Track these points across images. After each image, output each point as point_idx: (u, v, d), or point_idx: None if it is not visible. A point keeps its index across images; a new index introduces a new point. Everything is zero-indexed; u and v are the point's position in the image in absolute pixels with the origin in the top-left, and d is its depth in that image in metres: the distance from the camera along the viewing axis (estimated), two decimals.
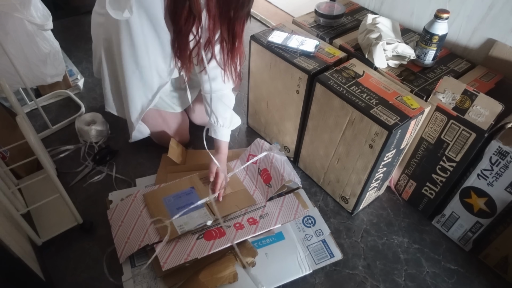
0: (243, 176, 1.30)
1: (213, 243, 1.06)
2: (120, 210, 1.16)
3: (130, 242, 1.06)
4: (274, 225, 1.13)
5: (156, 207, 1.13)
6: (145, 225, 1.09)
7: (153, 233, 1.06)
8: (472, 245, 1.16)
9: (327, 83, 1.09)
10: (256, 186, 1.26)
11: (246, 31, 1.06)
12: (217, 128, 1.21)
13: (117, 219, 1.14)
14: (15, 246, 0.91)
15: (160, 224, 1.07)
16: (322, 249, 1.14)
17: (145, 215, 1.12)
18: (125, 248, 1.05)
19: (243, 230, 1.10)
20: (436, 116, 1.06)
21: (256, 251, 1.10)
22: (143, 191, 1.20)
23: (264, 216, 1.15)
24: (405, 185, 1.27)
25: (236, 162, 1.34)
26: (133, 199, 1.18)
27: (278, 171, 1.22)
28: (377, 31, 1.14)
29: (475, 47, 1.18)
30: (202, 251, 1.03)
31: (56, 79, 1.53)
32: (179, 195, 1.19)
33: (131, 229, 1.09)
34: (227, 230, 1.10)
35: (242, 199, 1.20)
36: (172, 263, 1.00)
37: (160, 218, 1.09)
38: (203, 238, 1.07)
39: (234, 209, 1.16)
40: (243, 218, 1.14)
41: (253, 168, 1.30)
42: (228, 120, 1.21)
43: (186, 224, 1.09)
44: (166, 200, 1.16)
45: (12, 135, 1.22)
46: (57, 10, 2.04)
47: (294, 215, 1.16)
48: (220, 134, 1.22)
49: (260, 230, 1.11)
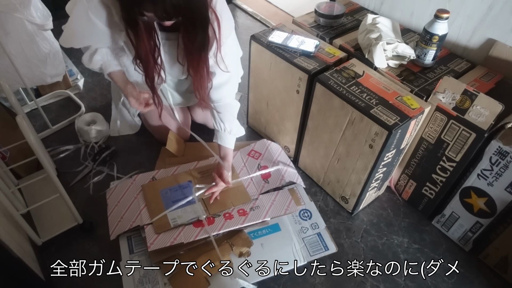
0: (241, 167, 1.31)
1: (200, 230, 1.09)
2: (118, 191, 1.21)
3: (122, 221, 1.11)
4: (263, 218, 1.15)
5: (153, 198, 1.17)
6: (139, 207, 1.14)
7: (145, 216, 1.11)
8: (472, 245, 1.16)
9: (327, 83, 1.09)
10: (251, 179, 1.27)
11: (247, 31, 1.06)
12: (223, 135, 1.20)
13: (114, 199, 1.19)
14: (15, 246, 0.91)
15: (155, 218, 1.10)
16: (317, 242, 1.15)
17: (140, 198, 1.17)
18: (117, 226, 1.10)
19: (232, 220, 1.13)
20: (436, 116, 1.06)
21: (251, 242, 1.11)
22: (143, 176, 1.25)
23: (255, 208, 1.17)
24: (405, 185, 1.27)
25: (236, 153, 1.35)
26: (132, 182, 1.22)
27: (280, 172, 1.23)
28: (377, 31, 1.14)
29: (475, 47, 1.18)
30: (189, 237, 1.07)
31: (56, 79, 1.53)
32: (176, 188, 1.21)
33: (126, 209, 1.15)
34: (216, 218, 1.13)
35: (238, 196, 1.21)
36: (159, 245, 1.04)
37: None
38: (191, 225, 1.10)
39: (229, 206, 1.17)
40: (234, 209, 1.17)
41: (253, 162, 1.32)
42: (235, 127, 1.20)
43: (180, 217, 1.12)
44: (163, 192, 1.19)
45: (12, 135, 1.22)
46: (57, 10, 2.03)
47: (285, 210, 1.18)
48: (227, 141, 1.20)
49: (248, 222, 1.13)
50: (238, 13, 2.30)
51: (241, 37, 1.77)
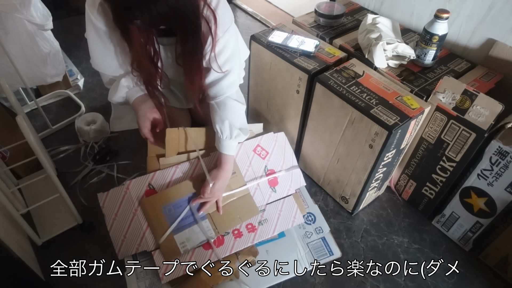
0: (246, 168, 1.20)
1: (211, 253, 1.05)
2: (112, 199, 1.10)
3: (126, 241, 1.06)
4: (272, 234, 1.12)
5: (155, 217, 1.07)
6: (142, 228, 1.07)
7: (150, 239, 1.05)
8: (472, 245, 1.16)
9: (327, 83, 1.09)
10: (258, 185, 1.19)
11: (247, 31, 1.06)
12: (219, 139, 1.11)
13: (110, 209, 1.09)
14: (15, 246, 0.91)
15: (161, 239, 1.05)
16: (321, 247, 1.15)
17: (140, 215, 1.08)
18: (122, 246, 1.06)
19: (241, 239, 1.09)
20: (436, 116, 1.06)
21: (257, 251, 1.10)
22: (136, 181, 1.12)
23: (263, 222, 1.13)
24: (405, 185, 1.27)
25: (240, 148, 1.22)
26: (126, 191, 1.10)
27: (287, 179, 1.20)
28: (377, 31, 1.14)
29: (475, 47, 1.18)
30: (201, 260, 1.04)
31: (56, 79, 1.53)
32: (179, 203, 1.09)
33: (127, 227, 1.07)
34: (226, 237, 1.09)
35: (246, 210, 1.14)
36: (172, 275, 1.01)
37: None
38: (201, 247, 1.06)
39: (238, 222, 1.11)
40: (242, 225, 1.12)
41: (260, 162, 1.22)
42: (227, 130, 1.10)
43: (188, 240, 1.06)
44: (165, 210, 1.08)
45: (12, 135, 1.22)
46: (57, 10, 2.04)
47: (292, 222, 1.15)
48: (223, 146, 1.10)
49: (257, 239, 1.10)
50: (238, 13, 2.30)
51: (241, 37, 1.76)
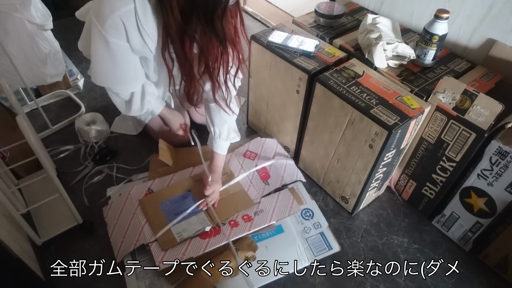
0: (238, 170, 1.29)
1: (208, 242, 1.07)
2: (114, 208, 1.17)
3: (125, 241, 1.08)
4: (269, 222, 1.14)
5: (153, 212, 1.13)
6: (140, 224, 1.10)
7: (148, 232, 1.08)
8: (472, 245, 1.16)
9: (327, 83, 1.09)
10: (251, 182, 1.26)
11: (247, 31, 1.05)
12: (213, 139, 1.18)
13: (112, 217, 1.15)
14: (15, 246, 0.91)
15: (159, 233, 1.07)
16: (320, 242, 1.15)
17: (139, 213, 1.13)
18: (121, 247, 1.07)
19: (238, 228, 1.12)
20: (436, 116, 1.06)
21: (256, 246, 1.11)
22: (137, 188, 1.21)
23: (259, 213, 1.17)
24: (405, 185, 1.27)
25: (231, 156, 1.33)
26: (127, 196, 1.18)
27: (278, 171, 1.22)
28: (377, 31, 1.14)
29: (475, 47, 1.18)
30: (197, 250, 1.05)
31: (56, 79, 1.53)
32: (176, 199, 1.18)
33: (126, 227, 1.11)
34: (222, 227, 1.11)
35: (240, 202, 1.20)
36: (168, 263, 1.01)
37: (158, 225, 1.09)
38: (198, 237, 1.08)
39: (233, 213, 1.16)
40: (238, 216, 1.15)
41: (250, 163, 1.30)
42: (225, 132, 1.17)
43: (185, 230, 1.09)
44: (163, 205, 1.15)
45: (12, 135, 1.22)
46: (57, 10, 2.04)
47: (289, 211, 1.18)
48: (215, 145, 1.19)
49: (254, 228, 1.12)
50: None
51: (241, 37, 1.76)
